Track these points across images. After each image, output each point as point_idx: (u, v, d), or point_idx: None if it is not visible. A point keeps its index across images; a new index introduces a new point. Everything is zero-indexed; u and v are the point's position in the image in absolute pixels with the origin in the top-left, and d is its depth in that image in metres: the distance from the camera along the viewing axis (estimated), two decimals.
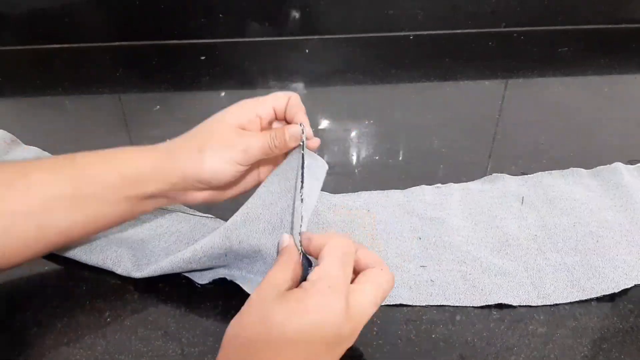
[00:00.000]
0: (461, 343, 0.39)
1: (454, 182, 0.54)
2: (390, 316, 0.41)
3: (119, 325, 0.41)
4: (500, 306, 0.42)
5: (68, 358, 0.38)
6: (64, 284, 0.44)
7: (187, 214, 0.49)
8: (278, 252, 0.37)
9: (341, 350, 0.32)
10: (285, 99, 0.42)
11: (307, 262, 0.37)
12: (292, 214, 0.39)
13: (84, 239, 0.40)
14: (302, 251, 0.36)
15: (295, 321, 0.30)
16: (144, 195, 0.39)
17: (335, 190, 0.52)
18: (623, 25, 0.88)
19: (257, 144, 0.39)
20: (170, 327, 0.40)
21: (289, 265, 0.35)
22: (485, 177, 0.54)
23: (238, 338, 0.31)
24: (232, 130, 0.40)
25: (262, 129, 0.42)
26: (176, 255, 0.41)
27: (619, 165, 0.54)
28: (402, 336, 0.40)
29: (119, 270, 0.43)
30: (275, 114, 0.42)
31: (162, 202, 0.41)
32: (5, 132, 0.59)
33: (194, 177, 0.39)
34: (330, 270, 0.33)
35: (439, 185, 0.53)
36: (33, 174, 0.36)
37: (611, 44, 0.85)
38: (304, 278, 0.35)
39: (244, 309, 0.32)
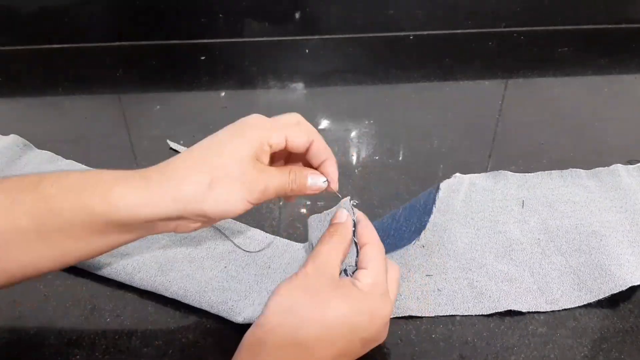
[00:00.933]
0: (461, 343, 0.39)
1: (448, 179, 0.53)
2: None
3: (119, 325, 0.41)
4: None
5: (68, 358, 0.38)
6: (64, 284, 0.44)
7: None
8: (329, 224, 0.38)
9: (373, 346, 0.36)
10: (305, 138, 0.36)
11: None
12: None
13: (61, 269, 0.35)
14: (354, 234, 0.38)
15: (349, 318, 0.33)
16: (124, 231, 0.34)
17: None
18: (623, 25, 0.88)
19: (275, 184, 0.35)
20: (170, 326, 0.40)
21: (342, 246, 0.36)
22: (489, 173, 0.53)
23: (285, 305, 0.33)
24: (249, 164, 0.34)
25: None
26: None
27: (618, 167, 0.54)
28: (403, 336, 0.40)
29: (138, 275, 0.43)
30: (286, 144, 0.36)
31: (147, 233, 0.36)
32: (17, 136, 0.59)
33: (197, 213, 0.33)
34: (380, 278, 0.35)
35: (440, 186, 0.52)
36: None
37: (611, 44, 0.84)
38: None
39: (294, 278, 0.34)
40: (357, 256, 0.37)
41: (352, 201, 0.39)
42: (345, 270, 0.37)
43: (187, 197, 0.32)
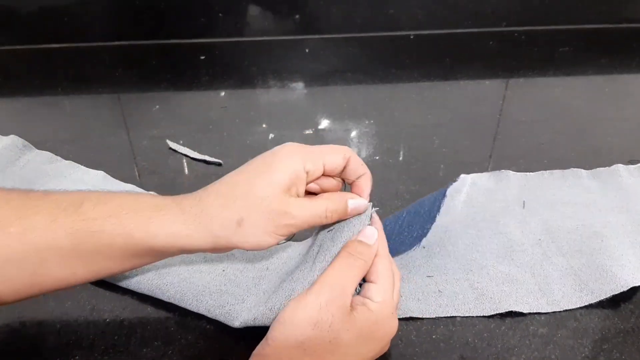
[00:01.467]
0: (462, 344, 0.39)
1: (454, 183, 0.53)
2: None
3: (118, 326, 0.40)
4: None
5: (67, 359, 0.38)
6: None
7: None
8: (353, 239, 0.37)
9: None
10: (341, 158, 0.36)
11: None
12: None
13: (90, 282, 0.36)
14: None
15: (360, 348, 0.34)
16: (159, 256, 0.36)
17: None
18: (623, 25, 0.88)
19: (307, 217, 0.35)
20: (170, 328, 0.40)
21: (363, 273, 0.35)
22: (491, 172, 0.53)
23: (293, 339, 0.32)
24: (281, 199, 0.34)
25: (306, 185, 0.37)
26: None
27: (619, 167, 0.54)
28: (403, 337, 0.40)
29: (135, 279, 0.42)
30: (324, 170, 0.36)
31: (182, 255, 0.38)
32: (17, 137, 0.59)
33: (229, 247, 0.34)
34: (389, 293, 0.35)
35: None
36: (31, 217, 0.32)
37: (611, 44, 0.84)
38: None
39: (304, 306, 0.33)
40: None
41: (373, 209, 0.38)
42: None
43: (218, 234, 0.33)
